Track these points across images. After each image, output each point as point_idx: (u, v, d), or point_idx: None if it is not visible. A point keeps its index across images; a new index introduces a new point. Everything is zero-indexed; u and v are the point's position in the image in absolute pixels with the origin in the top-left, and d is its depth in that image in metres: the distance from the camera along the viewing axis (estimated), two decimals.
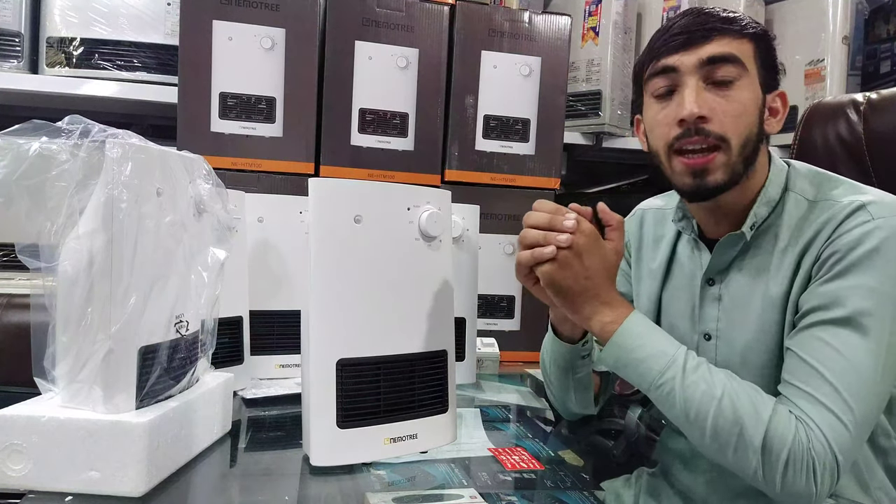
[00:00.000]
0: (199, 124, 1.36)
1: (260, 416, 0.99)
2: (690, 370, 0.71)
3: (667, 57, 0.78)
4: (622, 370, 0.76)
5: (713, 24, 0.76)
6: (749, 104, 0.76)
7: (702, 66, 0.75)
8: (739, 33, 0.76)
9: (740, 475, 0.70)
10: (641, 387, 0.74)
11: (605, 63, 1.72)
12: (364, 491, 0.71)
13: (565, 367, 0.92)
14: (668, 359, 0.72)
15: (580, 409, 0.97)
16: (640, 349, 0.73)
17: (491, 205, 1.47)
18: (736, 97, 0.75)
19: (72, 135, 0.67)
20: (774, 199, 0.80)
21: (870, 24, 2.05)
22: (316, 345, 0.76)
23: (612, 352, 0.75)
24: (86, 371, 0.67)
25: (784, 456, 0.65)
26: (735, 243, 0.81)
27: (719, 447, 0.69)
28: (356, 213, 0.77)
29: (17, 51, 1.44)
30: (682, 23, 0.78)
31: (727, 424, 0.68)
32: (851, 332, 0.69)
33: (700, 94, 0.75)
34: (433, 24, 1.47)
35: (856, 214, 0.72)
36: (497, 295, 1.52)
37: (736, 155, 0.76)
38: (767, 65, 0.79)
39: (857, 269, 0.70)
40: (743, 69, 0.76)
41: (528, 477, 0.79)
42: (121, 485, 0.65)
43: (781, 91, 0.81)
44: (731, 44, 0.76)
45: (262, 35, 1.37)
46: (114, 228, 0.66)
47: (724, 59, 0.75)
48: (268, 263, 1.15)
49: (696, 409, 0.69)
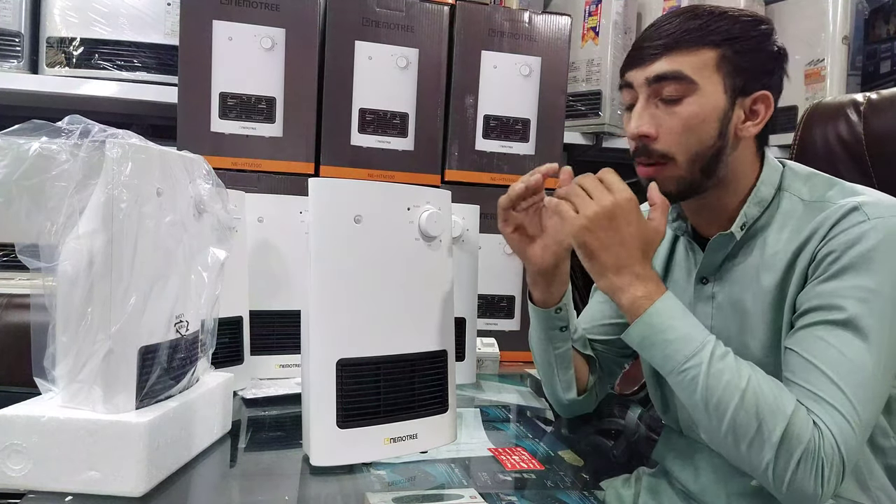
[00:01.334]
0: (199, 124, 1.36)
1: (260, 416, 0.99)
2: (717, 358, 0.70)
3: (626, 71, 0.80)
4: (647, 349, 0.74)
5: (667, 40, 0.76)
6: (698, 118, 0.76)
7: (649, 83, 0.77)
8: (697, 44, 0.75)
9: (746, 469, 0.69)
10: (663, 369, 0.73)
11: (605, 63, 1.72)
12: (364, 491, 0.71)
13: (546, 340, 0.92)
14: (696, 344, 0.71)
15: (566, 394, 0.96)
16: (670, 330, 0.72)
17: (491, 205, 1.45)
18: (682, 113, 0.76)
19: (72, 135, 0.67)
20: (767, 199, 0.80)
21: (870, 24, 2.05)
22: (316, 345, 0.76)
23: (639, 329, 0.74)
24: (86, 371, 0.67)
25: (798, 454, 0.65)
26: (726, 243, 0.81)
27: (734, 439, 0.68)
28: (356, 213, 0.77)
29: (17, 51, 1.44)
30: (643, 35, 0.80)
31: (748, 417, 0.67)
32: (851, 334, 0.69)
33: (646, 111, 0.77)
34: (433, 24, 1.47)
35: (851, 214, 0.72)
36: (497, 295, 1.52)
37: (684, 169, 0.77)
38: (740, 69, 0.76)
39: (855, 269, 0.70)
40: (690, 85, 0.75)
41: (527, 477, 0.79)
42: (121, 485, 0.65)
43: (762, 93, 0.78)
44: (681, 59, 0.75)
45: (262, 35, 1.37)
46: (114, 228, 0.66)
47: (668, 77, 0.76)
48: (268, 263, 1.15)
49: (717, 397, 0.68)
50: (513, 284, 1.52)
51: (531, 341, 0.97)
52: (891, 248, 0.70)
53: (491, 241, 1.49)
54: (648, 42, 0.78)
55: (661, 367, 0.74)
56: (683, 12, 0.78)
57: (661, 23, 0.78)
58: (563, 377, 0.95)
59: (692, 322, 0.73)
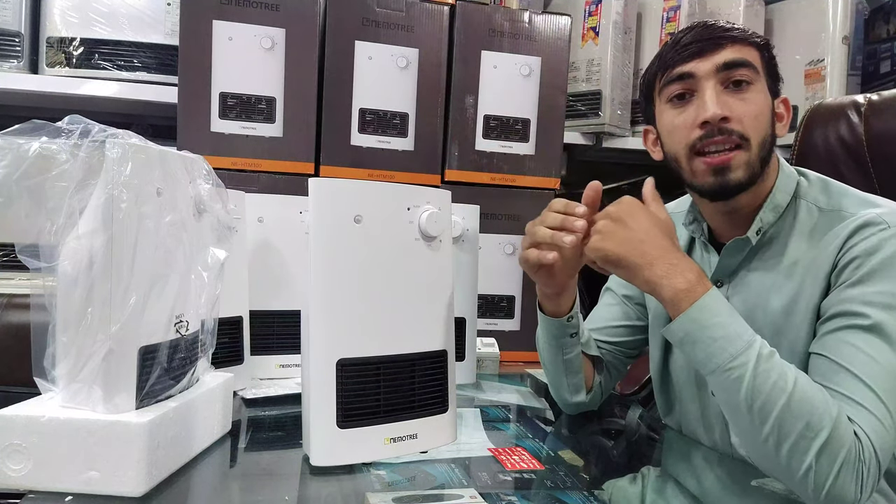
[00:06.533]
0: (199, 124, 1.36)
1: (260, 416, 0.99)
2: (765, 358, 0.68)
3: (682, 65, 0.80)
4: (689, 346, 0.72)
5: (722, 33, 0.80)
6: (764, 106, 0.80)
7: (718, 70, 0.78)
8: (746, 42, 0.80)
9: (779, 475, 0.68)
10: (706, 367, 0.71)
11: (605, 63, 1.72)
12: (364, 491, 0.71)
13: (556, 346, 0.93)
14: (743, 343, 0.69)
15: (573, 397, 0.97)
16: (717, 328, 0.70)
17: (491, 205, 1.47)
18: (753, 99, 0.79)
19: (72, 135, 0.66)
20: (782, 206, 0.81)
21: (870, 24, 2.05)
22: (316, 345, 0.76)
23: (683, 325, 0.71)
24: (86, 371, 0.67)
25: (841, 459, 0.64)
26: (742, 248, 0.82)
27: (777, 441, 0.66)
28: (356, 213, 0.77)
29: (17, 51, 1.44)
30: (692, 34, 0.81)
31: (793, 420, 0.65)
32: (878, 338, 0.69)
33: (720, 96, 0.78)
34: (433, 24, 1.47)
35: (871, 223, 0.74)
36: (497, 295, 1.52)
37: (755, 154, 0.78)
38: (772, 72, 0.82)
39: (878, 275, 0.71)
40: (756, 73, 0.79)
41: (527, 477, 0.79)
42: (121, 485, 0.65)
43: (784, 97, 0.84)
44: (742, 50, 0.79)
45: (262, 35, 1.37)
46: (114, 228, 0.66)
47: (739, 64, 0.78)
48: (268, 263, 1.15)
49: (763, 399, 0.67)
50: (513, 284, 1.52)
51: (539, 347, 0.97)
52: None
53: (491, 241, 1.49)
54: (707, 35, 0.79)
55: (703, 364, 0.71)
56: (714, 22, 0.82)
57: (702, 26, 0.81)
58: (572, 381, 0.96)
59: (738, 319, 0.71)
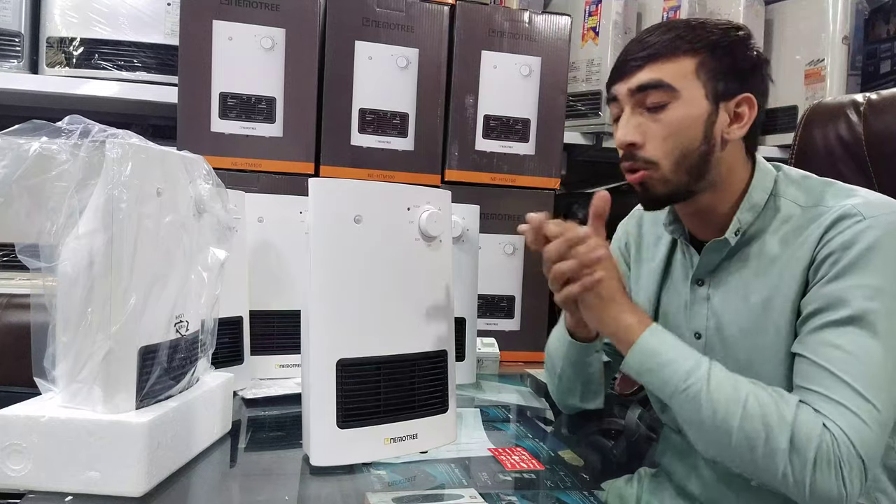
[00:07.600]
0: (199, 124, 1.36)
1: (260, 416, 0.99)
2: (715, 373, 0.72)
3: (612, 86, 0.82)
4: (645, 375, 0.76)
5: (647, 52, 0.79)
6: (682, 124, 0.78)
7: (632, 94, 0.79)
8: (675, 53, 0.78)
9: (768, 482, 0.69)
10: (664, 392, 0.74)
11: (605, 63, 1.72)
12: (364, 491, 0.71)
13: (580, 363, 0.93)
14: (693, 361, 0.73)
15: (583, 403, 0.97)
16: (664, 353, 0.74)
17: (491, 205, 1.47)
18: (665, 119, 0.78)
19: (72, 135, 0.67)
20: (760, 204, 0.81)
21: (870, 24, 2.05)
22: (316, 345, 0.76)
23: (635, 357, 0.76)
24: (86, 371, 0.67)
25: (811, 455, 0.65)
26: (720, 248, 0.82)
27: (749, 448, 0.68)
28: (356, 213, 0.77)
29: (17, 51, 1.43)
30: (625, 50, 0.82)
31: (754, 425, 0.68)
32: (859, 331, 0.69)
33: (631, 121, 0.79)
34: (433, 24, 1.47)
35: (847, 216, 0.73)
36: (497, 295, 1.52)
37: (669, 171, 0.79)
38: (719, 73, 0.78)
39: (856, 268, 0.70)
40: (671, 92, 0.77)
41: (527, 477, 0.79)
42: (121, 485, 0.65)
43: (745, 96, 0.79)
44: (660, 68, 0.78)
45: (262, 35, 1.37)
46: (114, 228, 0.66)
47: (650, 86, 0.78)
48: (268, 263, 1.15)
49: (723, 410, 0.69)
50: (513, 284, 1.52)
51: (558, 365, 0.96)
52: (889, 244, 0.70)
53: (491, 241, 1.49)
54: (630, 55, 0.80)
55: (661, 390, 0.75)
56: (661, 26, 0.81)
57: (641, 37, 0.81)
58: (591, 389, 0.96)
59: (682, 343, 0.76)
